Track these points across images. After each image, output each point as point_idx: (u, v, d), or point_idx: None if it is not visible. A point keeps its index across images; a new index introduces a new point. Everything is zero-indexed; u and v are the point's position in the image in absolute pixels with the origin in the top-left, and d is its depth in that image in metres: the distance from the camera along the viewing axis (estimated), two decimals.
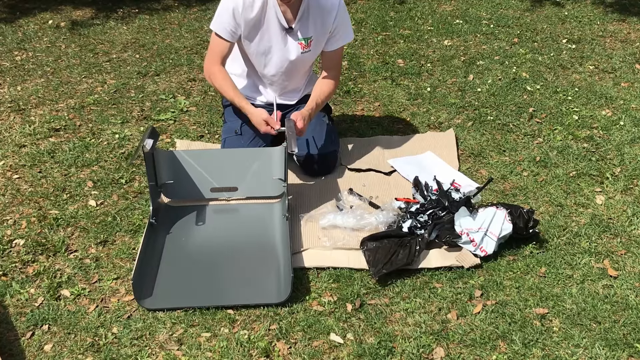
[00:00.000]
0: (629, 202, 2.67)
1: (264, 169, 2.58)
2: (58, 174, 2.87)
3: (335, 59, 2.76)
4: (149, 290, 2.18)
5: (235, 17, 2.53)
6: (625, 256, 2.36)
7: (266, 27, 2.58)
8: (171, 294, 2.18)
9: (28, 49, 4.34)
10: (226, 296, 2.16)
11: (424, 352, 1.96)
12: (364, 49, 4.32)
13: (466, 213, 2.36)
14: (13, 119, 3.37)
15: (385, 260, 2.24)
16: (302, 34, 2.62)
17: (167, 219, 2.54)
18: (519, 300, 2.16)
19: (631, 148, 3.05)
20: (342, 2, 2.63)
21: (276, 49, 2.65)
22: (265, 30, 2.59)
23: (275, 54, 2.66)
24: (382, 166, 2.91)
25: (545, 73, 3.88)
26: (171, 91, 3.69)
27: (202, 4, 5.23)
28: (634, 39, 4.40)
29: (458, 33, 4.54)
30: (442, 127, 3.27)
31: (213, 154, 2.63)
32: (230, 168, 2.58)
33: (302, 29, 2.62)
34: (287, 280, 2.15)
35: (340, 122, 3.31)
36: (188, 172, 2.56)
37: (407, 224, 2.42)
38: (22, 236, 2.47)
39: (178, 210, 2.59)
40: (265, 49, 2.65)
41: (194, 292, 2.19)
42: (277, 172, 2.56)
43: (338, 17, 2.62)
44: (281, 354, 1.96)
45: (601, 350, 1.96)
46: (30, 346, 1.98)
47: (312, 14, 2.59)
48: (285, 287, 2.16)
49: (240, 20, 2.54)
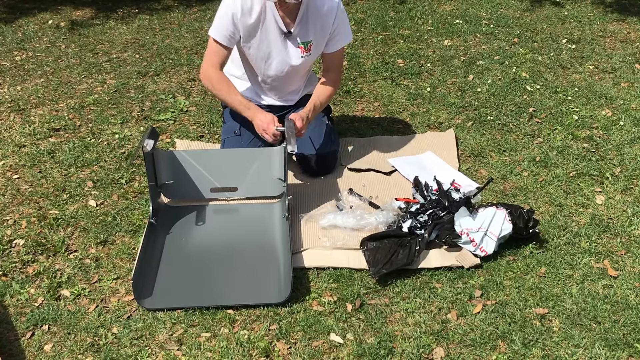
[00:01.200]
0: (629, 202, 2.67)
1: (263, 169, 2.58)
2: (58, 174, 2.87)
3: (336, 61, 2.76)
4: (149, 290, 2.18)
5: (234, 22, 2.52)
6: (625, 256, 2.36)
7: (265, 32, 2.57)
8: (171, 294, 2.18)
9: (28, 49, 4.34)
10: (226, 296, 2.16)
11: (424, 352, 1.96)
12: (364, 49, 4.32)
13: (466, 213, 2.36)
14: (13, 119, 3.37)
15: (385, 260, 2.24)
16: (302, 38, 2.62)
17: (167, 219, 2.54)
18: (519, 300, 2.16)
19: (631, 148, 3.05)
20: (341, 3, 2.63)
21: (276, 54, 2.64)
22: (264, 36, 2.58)
23: (275, 59, 2.66)
24: (382, 166, 2.91)
25: (545, 73, 3.88)
26: (171, 91, 3.69)
27: (202, 4, 5.23)
28: (634, 39, 4.40)
29: (458, 33, 4.54)
30: (442, 127, 3.27)
31: (213, 154, 2.63)
32: (230, 168, 2.58)
33: (301, 33, 2.61)
34: (287, 280, 2.15)
35: (340, 122, 3.31)
36: (188, 172, 2.56)
37: (407, 224, 2.42)
38: (22, 236, 2.47)
39: (178, 210, 2.59)
40: (265, 54, 2.65)
41: (194, 292, 2.19)
42: (277, 172, 2.56)
43: (337, 18, 2.61)
44: (281, 354, 1.96)
45: (601, 350, 1.96)
46: (30, 346, 1.98)
47: (311, 17, 2.59)
48: (285, 287, 2.16)
49: (239, 26, 2.54)
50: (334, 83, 2.75)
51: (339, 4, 2.61)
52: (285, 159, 2.47)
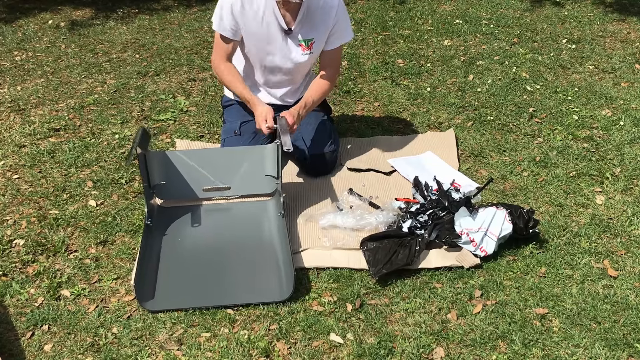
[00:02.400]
0: (629, 202, 2.67)
1: (256, 166, 2.57)
2: (58, 174, 2.87)
3: (333, 58, 2.75)
4: (150, 292, 2.18)
5: (234, 14, 2.54)
6: (625, 256, 2.36)
7: (266, 29, 2.58)
8: (173, 296, 2.18)
9: (28, 49, 4.34)
10: (229, 296, 2.16)
11: (424, 352, 1.96)
12: (364, 49, 4.32)
13: (466, 213, 2.36)
14: (13, 119, 3.37)
15: (385, 260, 2.24)
16: (303, 35, 2.62)
17: (163, 220, 2.53)
18: (519, 300, 2.16)
19: (631, 148, 3.05)
20: (342, 1, 2.63)
21: (277, 52, 2.65)
22: (265, 33, 2.59)
23: (276, 57, 2.66)
24: (382, 166, 2.91)
25: (545, 73, 3.88)
26: (171, 91, 3.69)
27: (202, 4, 5.23)
28: (634, 39, 4.40)
29: (458, 33, 4.54)
30: (442, 127, 3.27)
31: (204, 154, 2.62)
32: (223, 167, 2.57)
33: (302, 31, 2.61)
34: (289, 277, 2.15)
35: (340, 122, 3.31)
36: (180, 172, 2.55)
37: (407, 224, 2.42)
38: (22, 236, 2.47)
39: (172, 211, 2.59)
40: (265, 52, 2.65)
41: (196, 292, 2.19)
42: (270, 169, 2.56)
43: (337, 15, 2.61)
44: (281, 354, 1.96)
45: (601, 350, 1.96)
46: (30, 346, 1.98)
47: (312, 15, 2.59)
48: (287, 285, 2.16)
49: (239, 19, 2.55)
50: (330, 80, 2.74)
51: (340, 2, 2.62)
52: (278, 156, 2.46)
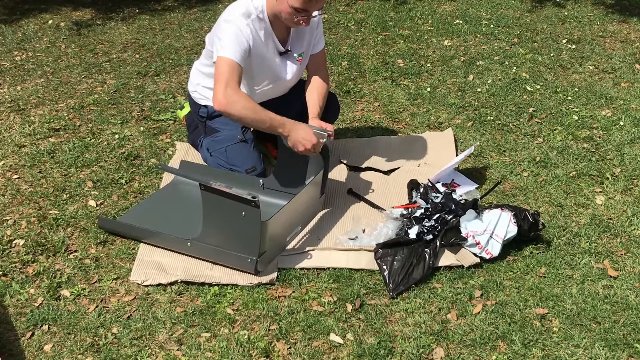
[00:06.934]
0: (629, 202, 2.67)
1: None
2: (58, 174, 2.87)
3: (323, 59, 2.79)
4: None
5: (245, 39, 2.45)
6: (625, 256, 2.36)
7: (266, 55, 2.58)
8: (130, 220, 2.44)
9: (28, 49, 4.34)
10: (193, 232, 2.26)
11: (424, 352, 1.96)
12: (364, 49, 4.32)
13: (472, 216, 2.35)
14: (13, 119, 3.37)
15: (402, 277, 2.19)
16: (296, 50, 2.66)
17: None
18: (519, 300, 2.16)
19: (631, 148, 3.05)
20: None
21: (277, 75, 2.66)
22: (264, 58, 2.58)
23: (277, 80, 2.67)
24: (382, 166, 2.91)
25: (545, 73, 3.88)
26: (171, 91, 3.69)
27: (202, 4, 5.23)
28: (634, 39, 4.40)
29: (458, 33, 4.54)
30: (442, 127, 3.27)
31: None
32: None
33: (295, 47, 2.66)
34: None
35: (340, 122, 3.31)
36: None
37: (414, 230, 2.37)
38: (22, 236, 2.47)
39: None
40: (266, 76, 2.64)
41: (155, 221, 2.38)
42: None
43: (319, 22, 2.67)
44: (281, 354, 1.96)
45: (601, 350, 1.96)
46: (30, 346, 1.98)
47: (301, 30, 2.62)
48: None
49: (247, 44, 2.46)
50: (327, 82, 2.76)
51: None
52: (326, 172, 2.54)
